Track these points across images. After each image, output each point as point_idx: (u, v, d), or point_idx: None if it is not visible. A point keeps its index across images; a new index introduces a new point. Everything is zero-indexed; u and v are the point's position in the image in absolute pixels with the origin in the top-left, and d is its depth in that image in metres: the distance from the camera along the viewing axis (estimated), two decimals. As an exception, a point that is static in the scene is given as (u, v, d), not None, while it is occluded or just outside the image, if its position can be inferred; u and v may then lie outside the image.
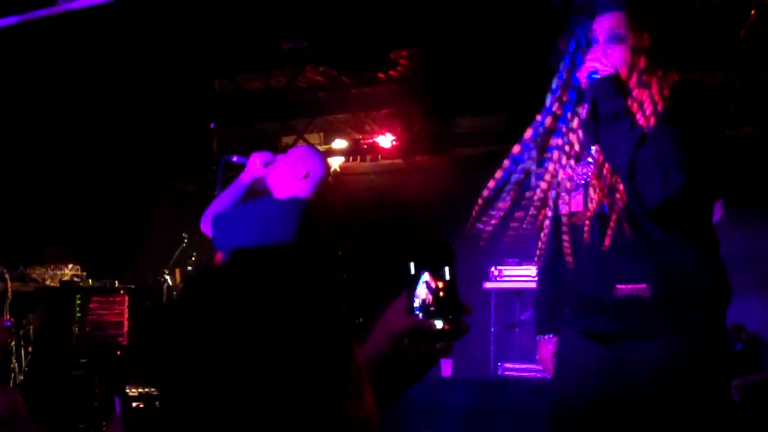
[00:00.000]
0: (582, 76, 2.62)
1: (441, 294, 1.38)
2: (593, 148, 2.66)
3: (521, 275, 8.09)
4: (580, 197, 2.65)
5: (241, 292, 1.03)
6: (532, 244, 2.75)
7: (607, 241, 2.49)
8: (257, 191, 4.16)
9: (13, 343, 7.59)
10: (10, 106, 8.16)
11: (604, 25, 2.63)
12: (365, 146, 9.61)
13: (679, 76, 2.64)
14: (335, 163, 10.54)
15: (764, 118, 8.07)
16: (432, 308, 1.37)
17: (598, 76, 2.57)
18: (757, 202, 7.72)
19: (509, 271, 8.18)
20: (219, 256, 4.16)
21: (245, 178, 4.15)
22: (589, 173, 2.64)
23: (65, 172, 9.60)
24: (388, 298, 1.47)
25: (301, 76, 8.41)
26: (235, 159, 4.29)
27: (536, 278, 8.13)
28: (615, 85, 2.56)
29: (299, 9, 6.48)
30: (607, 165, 2.60)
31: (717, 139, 2.51)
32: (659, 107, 2.54)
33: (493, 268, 8.20)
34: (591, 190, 2.59)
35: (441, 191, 9.32)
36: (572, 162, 2.67)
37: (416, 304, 1.38)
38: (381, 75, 7.86)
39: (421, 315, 1.38)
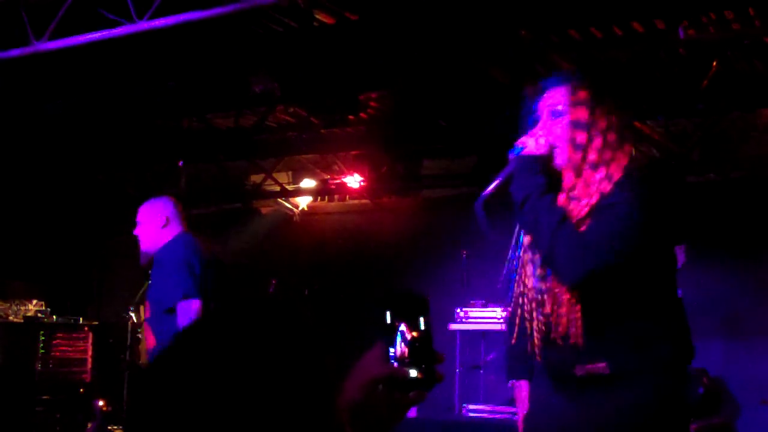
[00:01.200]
0: (510, 154, 2.60)
1: (416, 344, 1.43)
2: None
3: (487, 317, 8.12)
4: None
5: (238, 347, 1.06)
6: (496, 287, 2.79)
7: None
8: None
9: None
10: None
11: (546, 101, 2.60)
12: (333, 186, 9.67)
13: (633, 150, 2.56)
14: (303, 202, 10.59)
15: (726, 164, 8.23)
16: (407, 358, 1.42)
17: (521, 154, 2.55)
18: (718, 247, 7.85)
19: (475, 312, 8.21)
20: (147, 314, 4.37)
21: None
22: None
23: (30, 208, 9.54)
24: (359, 345, 1.51)
25: (271, 116, 8.47)
26: None
27: (503, 322, 8.12)
28: (537, 163, 2.52)
29: (270, 50, 6.55)
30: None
31: (647, 226, 2.44)
32: (595, 198, 2.47)
33: (458, 310, 8.23)
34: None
35: (408, 232, 9.38)
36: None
37: (391, 353, 1.43)
38: (350, 116, 7.94)
39: (396, 364, 1.42)
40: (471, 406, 7.83)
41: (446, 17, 5.76)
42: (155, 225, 4.42)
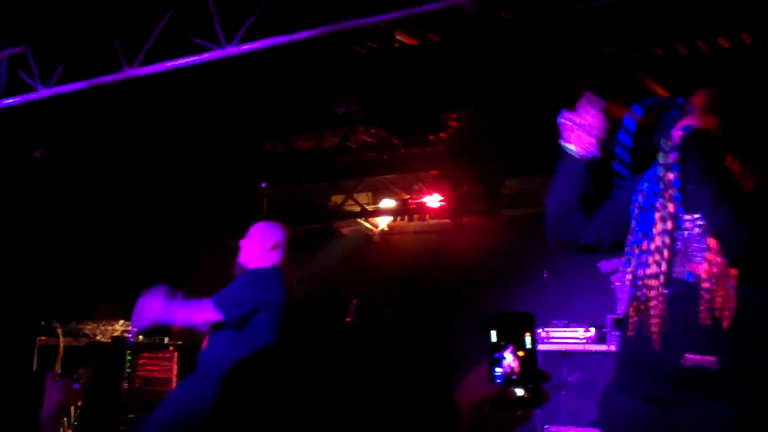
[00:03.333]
0: (677, 133, 2.58)
1: (522, 363, 1.43)
2: (684, 214, 2.62)
3: (568, 337, 8.04)
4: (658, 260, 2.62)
5: (310, 367, 1.07)
6: (578, 306, 2.76)
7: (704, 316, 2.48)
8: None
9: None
10: (68, 166, 8.37)
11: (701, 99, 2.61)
12: (413, 206, 9.68)
13: None
14: (383, 222, 10.62)
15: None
16: (513, 377, 1.42)
17: (697, 126, 2.54)
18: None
19: (556, 332, 8.14)
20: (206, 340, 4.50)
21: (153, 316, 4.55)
22: (679, 237, 2.60)
23: (117, 230, 9.77)
24: (460, 365, 1.51)
25: (353, 137, 8.53)
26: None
27: (585, 343, 7.88)
28: (714, 138, 2.52)
29: (353, 72, 6.62)
30: (703, 234, 2.55)
31: None
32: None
33: (540, 330, 8.17)
34: (682, 256, 2.56)
35: (489, 251, 9.34)
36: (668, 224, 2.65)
37: (498, 372, 1.43)
38: (431, 136, 7.95)
39: (502, 383, 1.42)
40: (553, 428, 7.75)
41: (529, 35, 5.75)
42: (264, 245, 4.64)
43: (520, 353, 1.43)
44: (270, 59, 5.90)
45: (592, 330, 7.95)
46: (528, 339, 1.45)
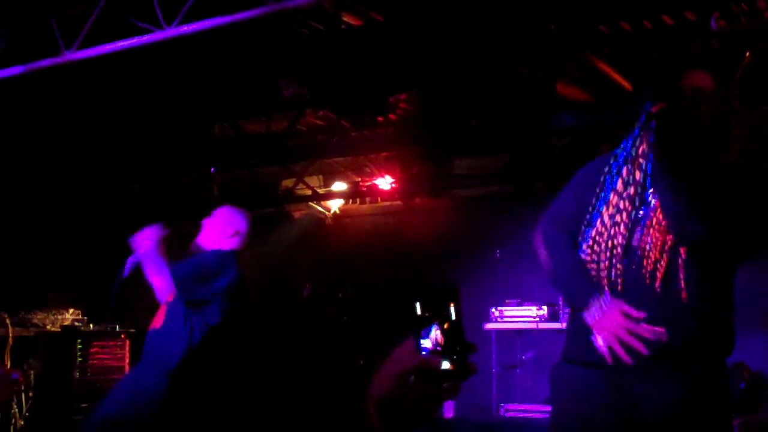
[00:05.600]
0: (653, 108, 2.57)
1: (447, 335, 1.41)
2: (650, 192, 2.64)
3: (522, 315, 8.09)
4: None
5: (260, 349, 1.05)
6: (531, 285, 2.76)
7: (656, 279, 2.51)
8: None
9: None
10: (15, 154, 8.22)
11: (691, 80, 2.65)
12: (365, 188, 9.66)
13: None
14: (335, 205, 10.59)
15: (762, 157, 8.11)
16: (438, 349, 1.40)
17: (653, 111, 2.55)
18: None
19: (510, 311, 8.19)
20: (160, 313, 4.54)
21: (142, 251, 4.67)
22: (643, 213, 2.63)
23: (67, 219, 9.63)
24: (391, 340, 1.49)
25: (302, 120, 8.48)
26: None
27: (538, 321, 7.97)
28: (671, 120, 2.53)
29: (298, 53, 6.56)
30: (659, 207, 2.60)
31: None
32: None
33: (493, 309, 8.21)
34: (643, 230, 2.58)
35: (441, 232, 9.35)
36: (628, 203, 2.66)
37: (423, 345, 1.41)
38: (380, 118, 7.92)
39: (428, 355, 1.40)
40: (509, 406, 7.80)
41: (474, 14, 5.73)
42: (224, 230, 4.66)
43: (445, 325, 1.41)
44: (213, 41, 5.83)
45: (545, 308, 8.00)
46: (452, 311, 1.42)
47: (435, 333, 1.41)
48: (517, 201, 8.23)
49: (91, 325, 8.52)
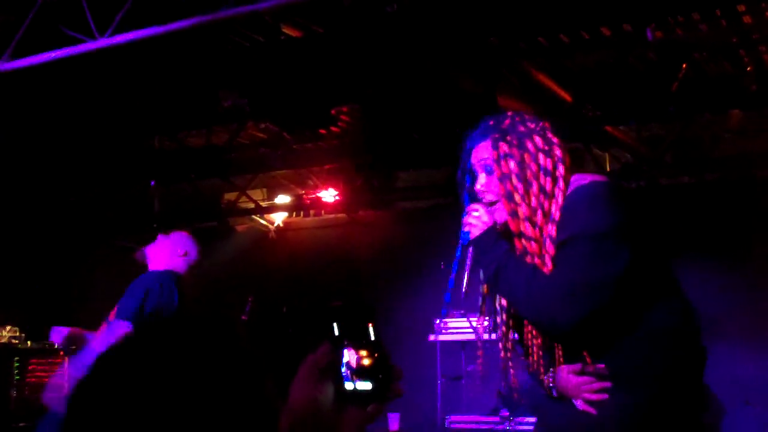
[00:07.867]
0: (462, 242, 2.54)
1: (366, 355, 1.36)
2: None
3: (466, 327, 8.09)
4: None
5: (166, 367, 1.00)
6: (475, 296, 2.72)
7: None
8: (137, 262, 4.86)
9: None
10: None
11: (476, 157, 2.54)
12: (308, 201, 9.62)
13: (571, 176, 2.43)
14: (278, 218, 10.52)
15: (699, 166, 8.24)
16: (358, 370, 1.35)
17: (471, 237, 2.50)
18: (694, 249, 7.82)
19: (454, 323, 8.18)
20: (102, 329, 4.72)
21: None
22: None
23: (3, 233, 9.43)
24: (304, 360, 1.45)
25: (243, 133, 8.41)
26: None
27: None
28: (491, 236, 2.47)
29: (237, 65, 6.50)
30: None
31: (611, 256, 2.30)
32: (548, 242, 2.38)
33: (437, 321, 8.19)
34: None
35: (385, 244, 9.33)
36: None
37: (343, 371, 1.36)
38: (322, 131, 7.89)
39: (347, 377, 1.35)
40: (454, 417, 7.78)
41: (414, 27, 5.72)
42: (176, 251, 4.74)
43: (365, 351, 1.36)
44: (150, 52, 5.75)
45: (488, 320, 7.99)
46: (371, 331, 1.38)
47: (348, 355, 1.36)
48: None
49: (28, 342, 8.34)
